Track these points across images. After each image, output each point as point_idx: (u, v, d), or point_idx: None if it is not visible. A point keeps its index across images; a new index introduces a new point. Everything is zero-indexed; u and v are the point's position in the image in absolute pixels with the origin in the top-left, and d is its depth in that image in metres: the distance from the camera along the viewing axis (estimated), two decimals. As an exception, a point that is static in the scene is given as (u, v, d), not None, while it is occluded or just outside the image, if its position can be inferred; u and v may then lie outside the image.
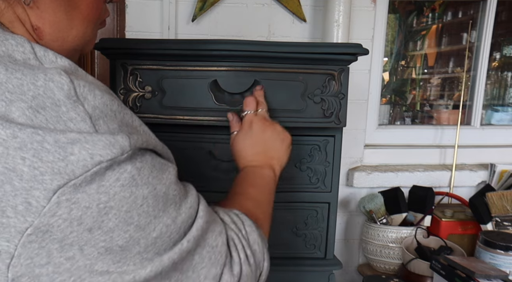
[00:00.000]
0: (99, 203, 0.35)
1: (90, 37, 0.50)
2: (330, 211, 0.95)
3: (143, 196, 0.38)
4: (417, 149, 1.55)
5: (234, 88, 0.85)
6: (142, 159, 0.39)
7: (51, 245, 0.34)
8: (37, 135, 0.34)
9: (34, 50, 0.39)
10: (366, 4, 1.41)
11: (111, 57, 0.85)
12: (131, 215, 0.37)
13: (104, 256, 0.36)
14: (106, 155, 0.35)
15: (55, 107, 0.35)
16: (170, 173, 0.42)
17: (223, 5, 1.34)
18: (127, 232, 0.37)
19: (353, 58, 0.87)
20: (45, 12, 0.43)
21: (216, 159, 0.91)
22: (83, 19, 0.47)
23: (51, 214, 0.34)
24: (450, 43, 2.62)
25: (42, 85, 0.36)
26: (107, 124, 0.37)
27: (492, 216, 1.22)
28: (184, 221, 0.42)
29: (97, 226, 0.35)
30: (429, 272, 1.10)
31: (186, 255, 0.42)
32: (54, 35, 0.45)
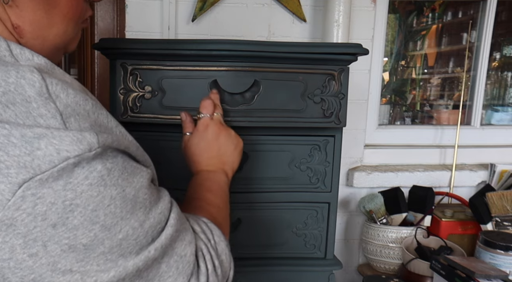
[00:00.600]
0: (65, 199, 0.35)
1: (72, 35, 0.50)
2: (330, 211, 0.95)
3: (111, 196, 0.38)
4: (417, 149, 1.55)
5: (234, 88, 0.85)
6: (114, 160, 0.39)
7: (15, 240, 0.34)
8: (4, 129, 0.34)
9: (10, 47, 0.40)
10: (366, 4, 1.41)
11: (111, 57, 0.85)
12: (97, 214, 0.37)
13: (67, 254, 0.36)
14: (73, 151, 0.35)
15: (25, 103, 0.36)
16: (142, 177, 0.42)
17: (223, 5, 1.34)
18: (92, 231, 0.37)
19: (353, 58, 0.87)
20: (24, 11, 0.44)
21: (216, 159, 0.91)
22: (63, 17, 0.47)
23: (15, 208, 0.34)
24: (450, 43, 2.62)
25: (13, 82, 0.36)
26: (78, 122, 0.37)
27: (492, 216, 1.22)
28: (152, 226, 0.42)
29: (62, 223, 0.35)
30: (429, 272, 1.10)
31: (152, 263, 0.41)
32: (35, 33, 0.45)
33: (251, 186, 0.93)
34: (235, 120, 0.86)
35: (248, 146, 0.91)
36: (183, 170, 0.92)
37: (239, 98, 0.86)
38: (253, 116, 0.87)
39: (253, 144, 0.91)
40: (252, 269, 0.94)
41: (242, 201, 0.93)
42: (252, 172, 0.92)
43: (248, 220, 0.94)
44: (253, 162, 0.91)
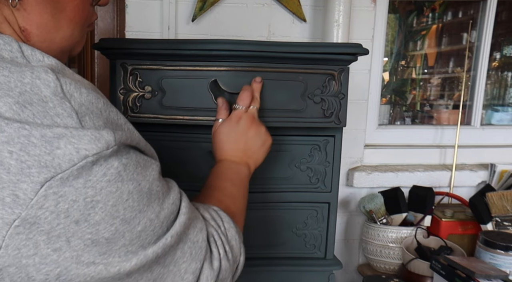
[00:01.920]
0: (86, 197, 0.36)
1: (78, 39, 0.51)
2: (330, 211, 0.95)
3: (128, 191, 0.39)
4: (417, 149, 1.55)
5: (234, 88, 0.85)
6: (128, 156, 0.40)
7: (39, 237, 0.35)
8: (24, 129, 0.35)
9: (22, 49, 0.41)
10: (366, 4, 1.41)
11: (111, 57, 0.85)
12: (117, 209, 0.38)
13: (90, 248, 0.37)
14: (91, 149, 0.36)
15: (42, 103, 0.36)
16: (153, 170, 0.44)
17: (223, 5, 1.34)
18: (113, 225, 0.38)
19: (353, 58, 0.87)
20: (32, 14, 0.44)
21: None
22: (70, 21, 0.47)
23: (38, 206, 0.34)
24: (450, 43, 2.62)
25: (29, 83, 0.37)
26: (92, 120, 0.38)
27: (492, 216, 1.22)
28: (166, 216, 0.43)
29: (84, 219, 0.36)
30: (429, 272, 1.10)
31: (169, 249, 0.43)
32: (42, 36, 0.46)
33: (251, 186, 0.92)
34: (235, 120, 0.86)
35: (248, 146, 0.91)
36: (183, 169, 0.92)
37: (239, 98, 0.86)
38: (253, 116, 0.87)
39: (253, 143, 0.91)
40: (252, 269, 0.94)
41: (242, 201, 0.93)
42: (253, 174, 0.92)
43: (248, 220, 0.94)
44: (253, 162, 0.91)
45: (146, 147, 0.45)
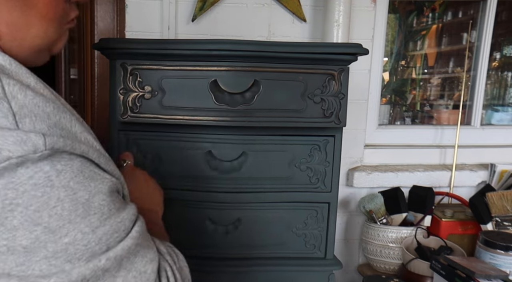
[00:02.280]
0: (5, 198, 0.34)
1: (55, 36, 0.49)
2: (330, 211, 0.95)
3: (58, 197, 0.37)
4: (417, 149, 1.55)
5: (234, 88, 0.85)
6: (67, 163, 0.38)
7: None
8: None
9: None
10: (366, 4, 1.41)
11: (111, 57, 0.85)
12: (40, 215, 0.36)
13: (6, 256, 0.35)
14: (15, 151, 0.35)
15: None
16: (102, 183, 0.41)
17: (223, 5, 1.34)
18: (33, 232, 0.35)
19: (353, 58, 0.87)
20: (0, 12, 0.43)
21: (216, 159, 0.91)
22: (42, 18, 0.46)
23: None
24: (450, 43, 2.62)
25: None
26: (33, 123, 0.37)
27: (492, 216, 1.22)
28: (107, 233, 0.40)
29: (0, 223, 0.34)
30: (429, 272, 1.10)
31: (103, 274, 0.39)
32: (11, 35, 0.44)
33: (251, 186, 0.93)
34: (235, 120, 0.86)
35: (248, 146, 0.91)
36: (183, 169, 0.92)
37: (239, 98, 0.86)
38: (253, 116, 0.87)
39: (253, 143, 0.91)
40: (252, 269, 0.94)
41: (242, 201, 0.93)
42: (252, 172, 0.92)
43: (248, 220, 0.94)
44: (253, 162, 0.91)
45: (101, 160, 0.43)
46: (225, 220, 0.94)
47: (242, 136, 0.91)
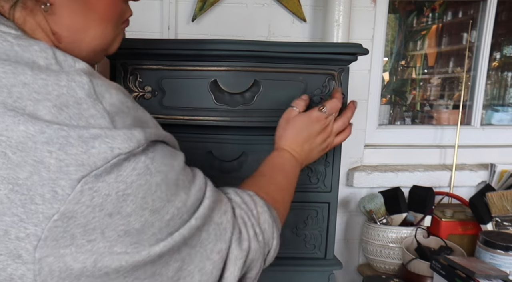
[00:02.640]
0: (118, 190, 0.38)
1: (112, 37, 0.51)
2: (330, 211, 0.95)
3: (156, 183, 0.41)
4: (417, 149, 1.55)
5: (234, 88, 0.85)
6: (154, 149, 0.42)
7: (75, 229, 0.37)
8: (63, 131, 0.37)
9: (55, 55, 0.42)
10: (366, 4, 1.41)
11: (111, 57, 0.85)
12: (146, 201, 0.40)
13: (123, 238, 0.39)
14: (124, 148, 0.38)
15: (77, 105, 0.39)
16: (179, 160, 0.46)
17: (223, 5, 1.34)
18: (143, 216, 0.40)
19: (353, 58, 0.87)
20: (62, 17, 0.45)
21: (216, 158, 0.91)
22: (101, 20, 0.48)
23: (75, 202, 0.37)
24: (450, 43, 2.62)
25: (65, 85, 0.39)
26: (122, 120, 0.40)
27: (492, 216, 1.22)
28: (193, 203, 0.46)
29: (117, 211, 0.38)
30: (429, 272, 1.10)
31: (195, 231, 0.45)
32: (71, 37, 0.47)
33: (251, 186, 0.93)
34: (235, 120, 0.86)
35: (248, 146, 0.91)
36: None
37: (239, 98, 0.86)
38: (253, 116, 0.87)
39: (253, 143, 0.91)
40: (252, 269, 0.94)
41: (242, 201, 0.93)
42: (252, 172, 0.92)
43: (248, 220, 0.94)
44: (253, 162, 0.91)
45: (171, 140, 0.47)
46: (225, 220, 0.94)
47: (242, 136, 0.91)
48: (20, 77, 0.38)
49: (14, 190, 0.36)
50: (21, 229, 0.36)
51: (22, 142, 0.36)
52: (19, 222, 0.36)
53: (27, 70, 0.39)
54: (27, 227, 0.36)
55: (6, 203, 0.36)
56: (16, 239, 0.37)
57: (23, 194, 0.36)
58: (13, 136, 0.36)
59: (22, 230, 0.36)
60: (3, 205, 0.36)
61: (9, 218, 0.36)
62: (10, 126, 0.36)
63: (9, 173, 0.36)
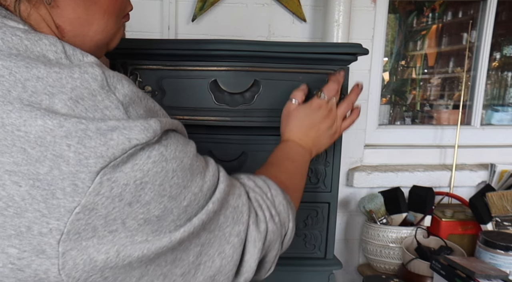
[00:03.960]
0: (135, 179, 0.38)
1: (113, 31, 0.51)
2: (330, 211, 0.95)
3: (172, 169, 0.41)
4: (417, 149, 1.55)
5: (234, 88, 0.85)
6: (167, 137, 0.42)
7: (97, 221, 0.38)
8: (81, 124, 0.37)
9: (65, 49, 0.42)
10: (366, 4, 1.41)
11: (111, 57, 0.85)
12: (164, 188, 0.40)
13: (143, 227, 0.40)
14: (141, 139, 0.38)
15: (92, 97, 0.39)
16: (191, 146, 0.46)
17: (223, 5, 1.34)
18: (162, 203, 0.40)
19: (353, 58, 0.87)
20: (65, 10, 0.45)
21: (216, 158, 0.91)
22: (103, 13, 0.48)
23: (95, 193, 0.37)
24: (450, 43, 2.62)
25: (78, 77, 0.39)
26: (135, 110, 0.41)
27: (492, 216, 1.22)
28: (209, 188, 0.46)
29: (136, 200, 0.39)
30: (429, 272, 1.10)
31: (213, 215, 0.46)
32: (74, 31, 0.46)
33: (251, 186, 0.93)
34: (235, 120, 0.86)
35: (248, 146, 0.91)
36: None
37: (239, 98, 0.86)
38: (253, 116, 0.87)
39: (253, 143, 0.91)
40: (252, 269, 0.94)
41: (242, 201, 0.93)
42: (252, 172, 0.92)
43: (248, 220, 0.94)
44: (253, 162, 0.91)
45: (182, 129, 0.48)
46: (225, 220, 0.94)
47: (242, 136, 0.91)
48: (33, 71, 0.38)
49: (35, 185, 0.36)
50: (44, 224, 0.36)
51: (41, 137, 0.36)
52: (41, 217, 0.36)
53: (40, 64, 0.38)
54: (49, 222, 0.36)
55: (28, 199, 0.36)
56: (39, 234, 0.37)
57: (44, 189, 0.36)
58: (32, 132, 0.36)
59: (44, 225, 0.36)
60: (25, 201, 0.36)
61: (31, 214, 0.36)
62: (28, 122, 0.36)
63: (29, 169, 0.36)
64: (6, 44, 0.39)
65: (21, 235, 0.36)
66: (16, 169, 0.36)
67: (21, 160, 0.36)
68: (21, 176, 0.36)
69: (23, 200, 0.36)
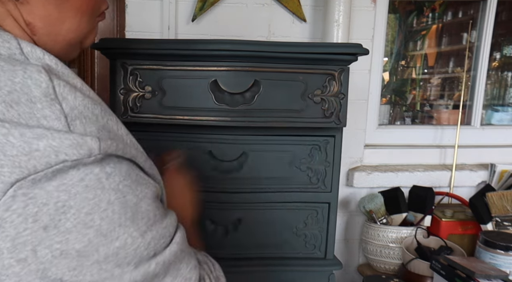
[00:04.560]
0: (57, 200, 0.34)
1: (87, 30, 0.49)
2: (330, 211, 0.95)
3: (108, 200, 0.36)
4: (417, 149, 1.55)
5: (234, 88, 0.85)
6: (116, 166, 0.37)
7: (2, 244, 0.33)
8: (3, 128, 0.33)
9: (21, 45, 0.39)
10: (366, 4, 1.41)
11: (111, 57, 0.85)
12: (92, 218, 0.35)
13: (58, 260, 0.34)
14: (72, 155, 0.34)
15: (30, 104, 0.35)
16: (147, 188, 0.41)
17: (223, 5, 1.34)
18: (86, 236, 0.35)
19: (353, 58, 0.87)
20: (35, 7, 0.43)
21: (216, 158, 0.91)
22: (76, 11, 0.46)
23: (5, 208, 0.32)
24: (450, 43, 2.62)
25: (19, 82, 0.36)
26: (84, 125, 0.37)
27: (492, 216, 1.22)
28: (155, 238, 0.39)
29: (53, 225, 0.33)
30: (429, 272, 1.10)
31: (152, 279, 0.39)
32: (46, 29, 0.44)
33: (251, 186, 0.93)
34: (235, 120, 0.86)
35: (248, 146, 0.91)
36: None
37: (239, 98, 0.86)
38: (253, 116, 0.87)
39: (253, 143, 0.91)
40: (252, 269, 0.94)
41: (242, 201, 0.93)
42: (252, 172, 0.92)
43: (248, 220, 0.94)
44: (253, 162, 0.91)
45: (146, 164, 0.42)
46: (225, 220, 0.94)
47: (242, 136, 0.91)
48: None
49: None
50: None
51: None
52: None
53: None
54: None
55: None
56: None
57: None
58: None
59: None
60: None
61: None
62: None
63: None
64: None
65: None
66: None
67: None
68: None
69: None
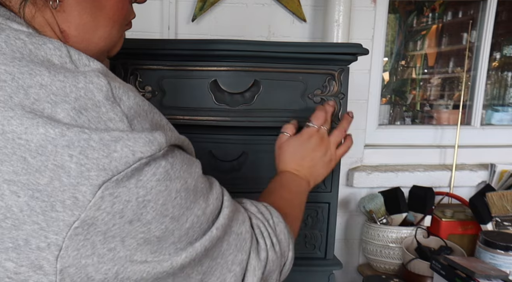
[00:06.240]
0: (138, 196, 0.37)
1: (117, 38, 0.51)
2: (330, 211, 0.95)
3: (176, 189, 0.40)
4: (417, 149, 1.55)
5: (234, 88, 0.85)
6: (173, 154, 0.41)
7: (95, 237, 0.36)
8: (84, 133, 0.35)
9: (70, 53, 0.40)
10: (366, 4, 1.41)
11: (111, 57, 0.85)
12: (166, 207, 0.39)
13: (142, 247, 0.38)
14: (146, 152, 0.37)
15: (96, 108, 0.37)
16: (197, 167, 0.45)
17: (223, 5, 1.34)
18: (163, 224, 0.39)
19: (353, 58, 0.87)
20: (71, 15, 0.44)
21: (216, 158, 0.91)
22: (109, 20, 0.47)
23: (96, 208, 0.35)
24: (450, 43, 2.62)
25: (83, 87, 0.37)
26: (140, 123, 0.39)
27: (492, 216, 1.22)
28: (212, 211, 0.44)
29: (137, 219, 0.37)
30: (429, 272, 1.10)
31: (216, 242, 0.44)
32: (79, 37, 0.46)
33: (251, 186, 0.93)
34: (235, 120, 0.86)
35: (248, 146, 0.91)
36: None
37: (239, 98, 0.86)
38: (253, 116, 0.87)
39: (253, 143, 0.91)
40: (252, 269, 0.94)
41: (242, 201, 0.93)
42: (252, 172, 0.92)
43: (248, 220, 0.94)
44: (253, 162, 0.91)
45: (188, 146, 0.46)
46: (225, 220, 0.94)
47: (242, 136, 0.91)
48: (37, 78, 0.37)
49: (34, 196, 0.34)
50: (42, 238, 0.35)
51: (42, 146, 0.34)
52: (40, 230, 0.35)
53: (44, 71, 0.37)
54: (47, 236, 0.35)
55: (26, 210, 0.34)
56: (37, 249, 0.35)
57: (44, 201, 0.34)
58: (33, 140, 0.34)
59: (43, 239, 0.35)
60: (23, 213, 0.35)
61: (29, 226, 0.35)
62: (29, 129, 0.34)
63: (29, 179, 0.34)
64: (10, 48, 0.38)
65: (19, 248, 0.35)
66: (15, 178, 0.34)
67: (20, 169, 0.34)
68: (20, 186, 0.34)
69: (21, 211, 0.35)
